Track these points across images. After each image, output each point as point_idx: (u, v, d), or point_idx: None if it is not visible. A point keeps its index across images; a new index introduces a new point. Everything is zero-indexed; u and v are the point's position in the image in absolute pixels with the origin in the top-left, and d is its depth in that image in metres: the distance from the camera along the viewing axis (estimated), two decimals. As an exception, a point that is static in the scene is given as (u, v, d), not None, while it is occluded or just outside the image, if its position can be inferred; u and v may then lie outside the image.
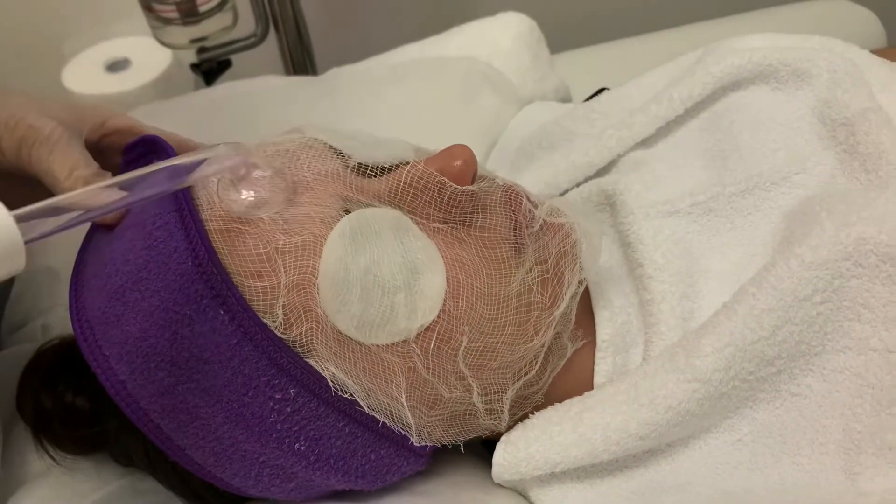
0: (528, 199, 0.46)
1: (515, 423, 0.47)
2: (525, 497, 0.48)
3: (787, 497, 0.40)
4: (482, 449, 0.52)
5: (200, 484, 0.45)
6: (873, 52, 0.58)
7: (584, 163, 0.58)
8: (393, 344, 0.41)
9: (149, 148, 0.45)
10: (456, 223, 0.44)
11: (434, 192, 0.43)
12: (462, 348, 0.42)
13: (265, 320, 0.40)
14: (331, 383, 0.40)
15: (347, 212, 0.42)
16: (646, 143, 0.57)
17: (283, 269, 0.40)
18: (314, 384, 0.40)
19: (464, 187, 0.44)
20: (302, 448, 0.41)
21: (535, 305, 0.45)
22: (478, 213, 0.44)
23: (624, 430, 0.43)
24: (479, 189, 0.45)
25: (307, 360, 0.40)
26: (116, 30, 1.07)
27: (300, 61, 1.03)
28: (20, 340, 0.61)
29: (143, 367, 0.39)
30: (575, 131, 0.63)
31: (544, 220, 0.46)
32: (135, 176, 0.36)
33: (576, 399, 0.46)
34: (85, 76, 1.02)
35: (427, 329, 0.41)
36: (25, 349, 0.55)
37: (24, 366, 0.52)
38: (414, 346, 0.41)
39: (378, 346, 0.41)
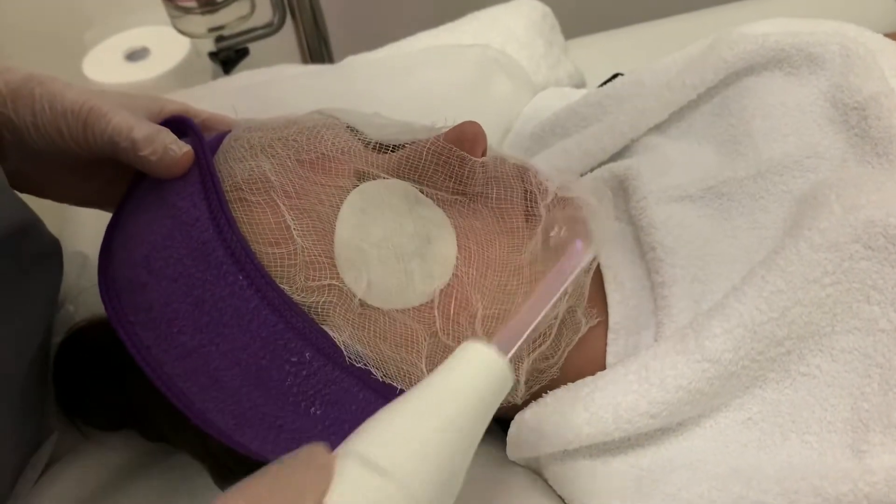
0: (540, 175, 0.47)
1: (530, 398, 0.48)
2: (539, 474, 0.49)
3: (795, 474, 0.41)
4: (496, 427, 0.54)
5: (223, 451, 0.47)
6: (888, 35, 0.58)
7: (597, 149, 0.58)
8: (414, 309, 0.43)
9: (176, 129, 0.46)
10: (470, 195, 0.45)
11: (449, 165, 0.45)
12: (479, 315, 0.43)
13: (282, 285, 0.41)
14: (344, 350, 0.42)
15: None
16: (658, 128, 0.58)
17: (299, 238, 0.41)
18: (329, 349, 0.41)
19: (477, 159, 0.45)
20: (318, 412, 0.42)
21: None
22: (491, 185, 0.46)
23: (635, 409, 0.44)
24: (492, 161, 0.46)
25: (323, 326, 0.42)
26: (136, 19, 1.08)
27: (317, 49, 1.04)
28: (56, 323, 0.63)
29: (167, 331, 0.41)
30: (588, 118, 0.63)
31: (555, 195, 0.47)
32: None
33: (588, 379, 0.47)
34: (105, 65, 1.03)
35: (445, 295, 0.43)
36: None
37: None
38: (435, 311, 0.43)
39: (398, 311, 0.42)
